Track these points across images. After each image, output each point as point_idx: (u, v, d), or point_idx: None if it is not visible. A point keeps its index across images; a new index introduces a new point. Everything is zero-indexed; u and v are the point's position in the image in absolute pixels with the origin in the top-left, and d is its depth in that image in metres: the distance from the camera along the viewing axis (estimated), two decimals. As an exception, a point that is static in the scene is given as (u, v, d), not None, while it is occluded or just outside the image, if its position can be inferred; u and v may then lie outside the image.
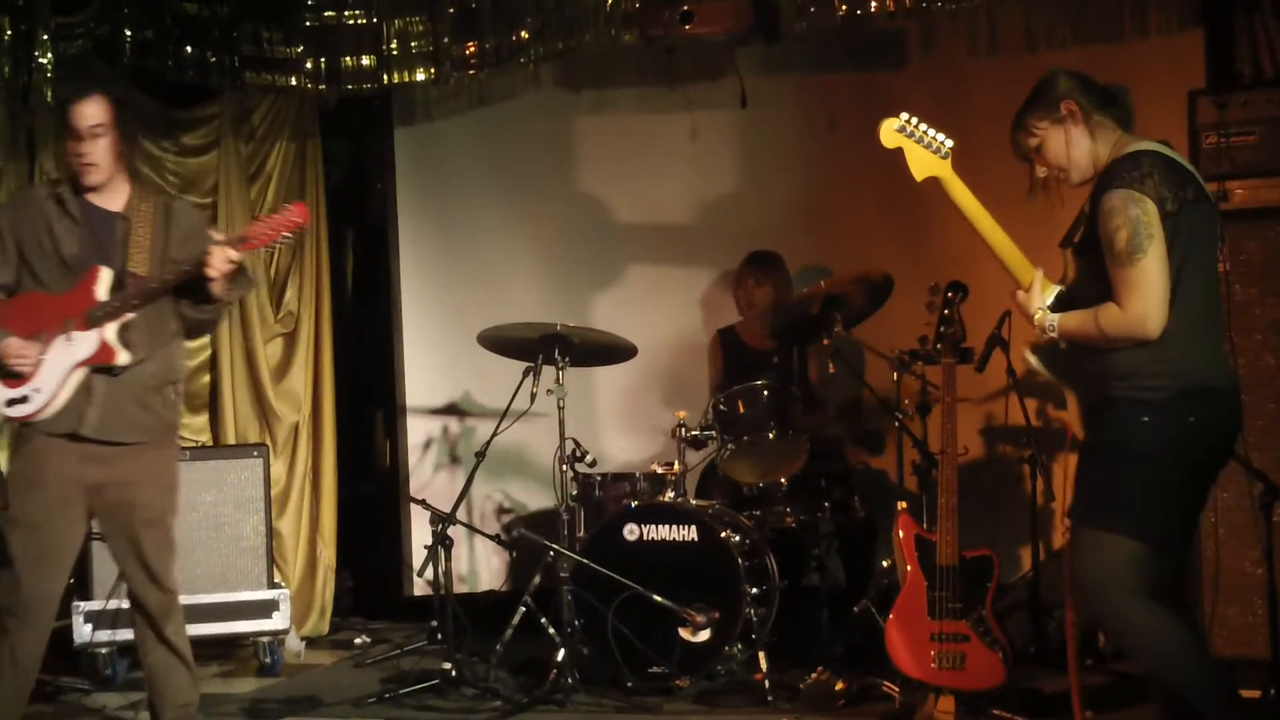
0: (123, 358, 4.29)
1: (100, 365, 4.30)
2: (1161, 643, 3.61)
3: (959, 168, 6.49)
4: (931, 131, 3.75)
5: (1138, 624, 3.62)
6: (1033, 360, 3.87)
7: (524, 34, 6.32)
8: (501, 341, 5.88)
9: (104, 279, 4.33)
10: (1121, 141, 3.75)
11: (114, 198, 4.45)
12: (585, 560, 5.39)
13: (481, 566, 7.15)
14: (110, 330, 4.29)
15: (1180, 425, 3.57)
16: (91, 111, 4.33)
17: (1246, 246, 4.95)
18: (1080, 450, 3.81)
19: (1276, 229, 5.01)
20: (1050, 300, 3.76)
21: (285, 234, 4.34)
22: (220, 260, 4.25)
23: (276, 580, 6.12)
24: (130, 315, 4.31)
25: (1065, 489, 6.19)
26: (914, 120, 3.77)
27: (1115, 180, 3.59)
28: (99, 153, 4.36)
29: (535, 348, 5.68)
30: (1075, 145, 3.77)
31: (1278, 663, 4.50)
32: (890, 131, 3.77)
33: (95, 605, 5.67)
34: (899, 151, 6.87)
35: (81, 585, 5.80)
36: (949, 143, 3.83)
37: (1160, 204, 3.55)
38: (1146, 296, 3.53)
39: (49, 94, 6.11)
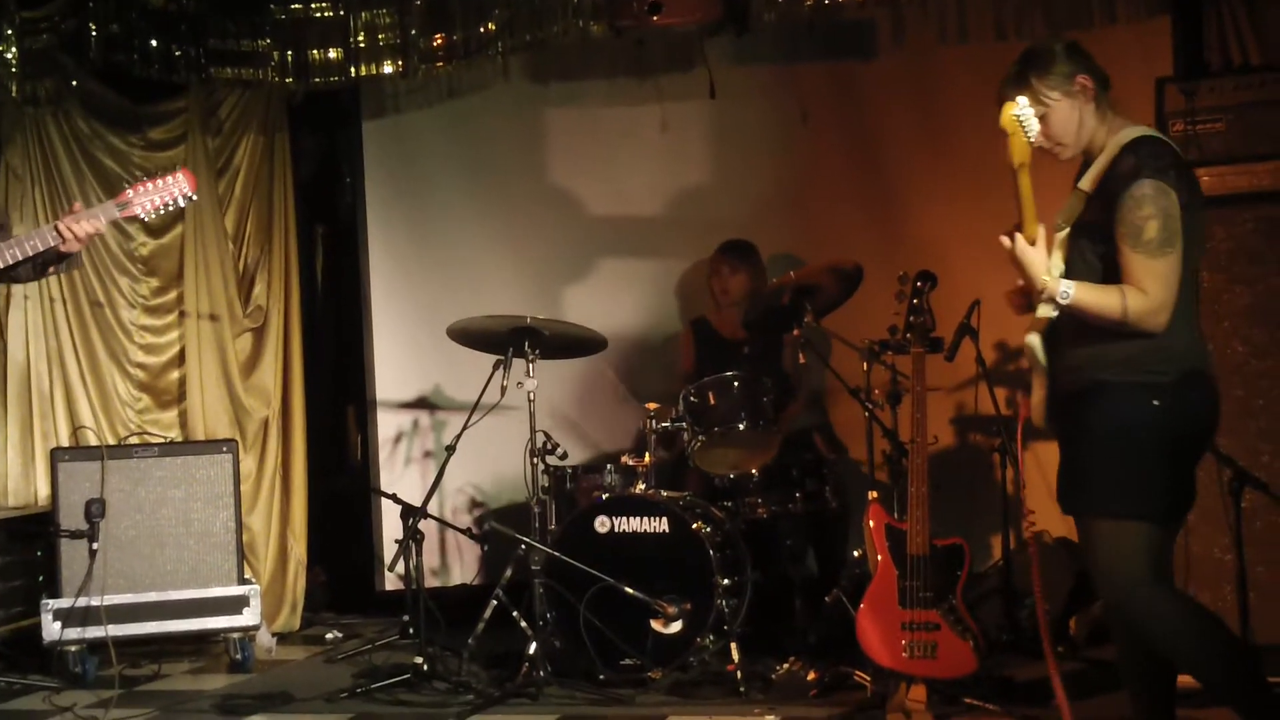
0: None
1: None
2: (1188, 624, 3.59)
3: (930, 154, 6.59)
4: (1032, 123, 3.61)
5: (1164, 609, 3.60)
6: (1036, 343, 3.76)
7: (492, 26, 6.32)
8: (471, 334, 5.85)
9: None
10: (1116, 123, 3.71)
11: None
12: (557, 553, 5.38)
13: (453, 560, 7.13)
14: None
15: (1184, 406, 3.58)
16: None
17: (1214, 234, 4.95)
18: (1069, 440, 3.76)
19: (1243, 216, 5.02)
20: (1060, 271, 3.67)
21: (170, 205, 4.24)
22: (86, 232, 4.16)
23: (247, 576, 6.08)
24: None
25: (1039, 478, 6.21)
26: (1029, 112, 3.62)
27: (1143, 168, 3.55)
28: None
29: (505, 340, 5.66)
30: (1082, 123, 3.69)
31: (1249, 647, 4.52)
32: (1010, 115, 3.58)
33: (64, 603, 5.64)
34: (875, 141, 6.89)
35: (51, 583, 5.78)
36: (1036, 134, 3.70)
37: (1179, 198, 3.55)
38: (1170, 288, 3.53)
39: (14, 89, 6.08)
